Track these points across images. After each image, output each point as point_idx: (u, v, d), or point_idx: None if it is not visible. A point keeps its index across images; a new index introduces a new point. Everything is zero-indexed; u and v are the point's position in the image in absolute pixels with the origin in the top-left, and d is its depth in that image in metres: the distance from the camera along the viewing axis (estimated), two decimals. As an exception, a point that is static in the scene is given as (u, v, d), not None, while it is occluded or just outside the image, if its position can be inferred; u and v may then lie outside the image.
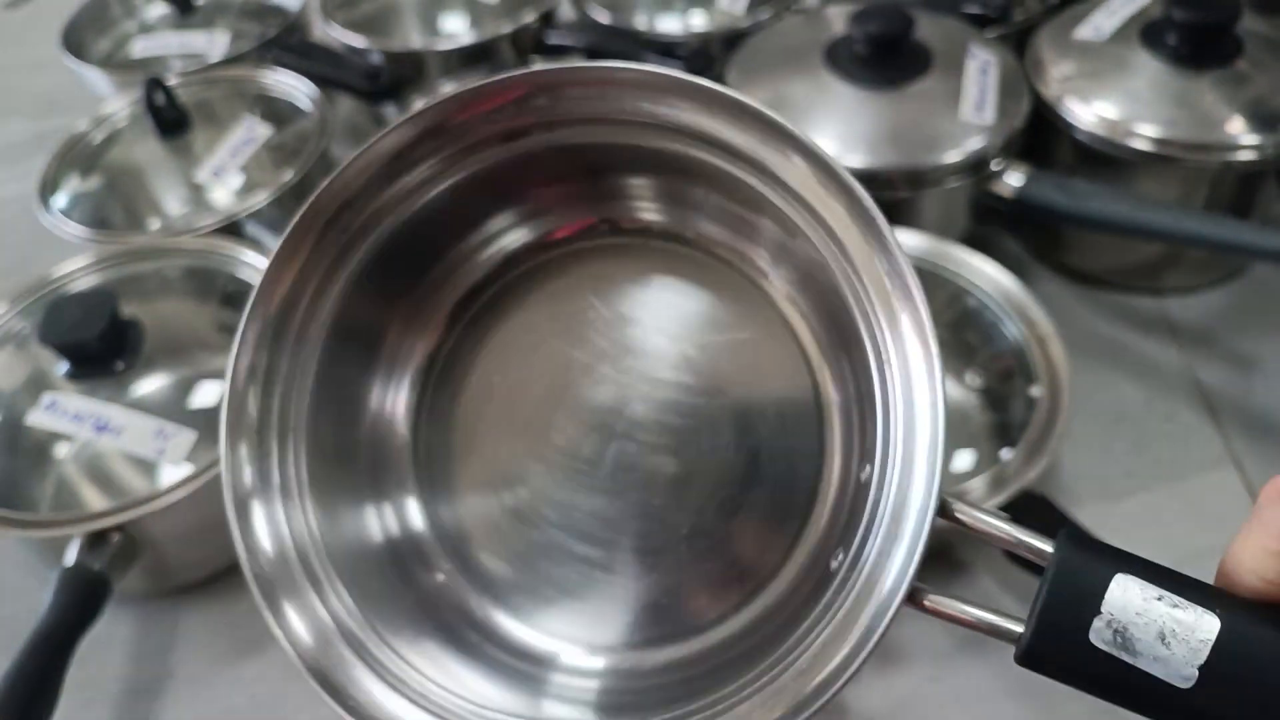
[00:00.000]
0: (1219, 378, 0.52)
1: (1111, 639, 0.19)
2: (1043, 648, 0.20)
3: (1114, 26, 0.57)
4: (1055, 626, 0.20)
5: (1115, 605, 0.19)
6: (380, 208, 0.26)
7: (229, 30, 0.72)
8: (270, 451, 0.26)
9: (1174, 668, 0.19)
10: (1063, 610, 0.20)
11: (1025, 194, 0.52)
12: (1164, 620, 0.19)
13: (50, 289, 0.52)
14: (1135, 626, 0.19)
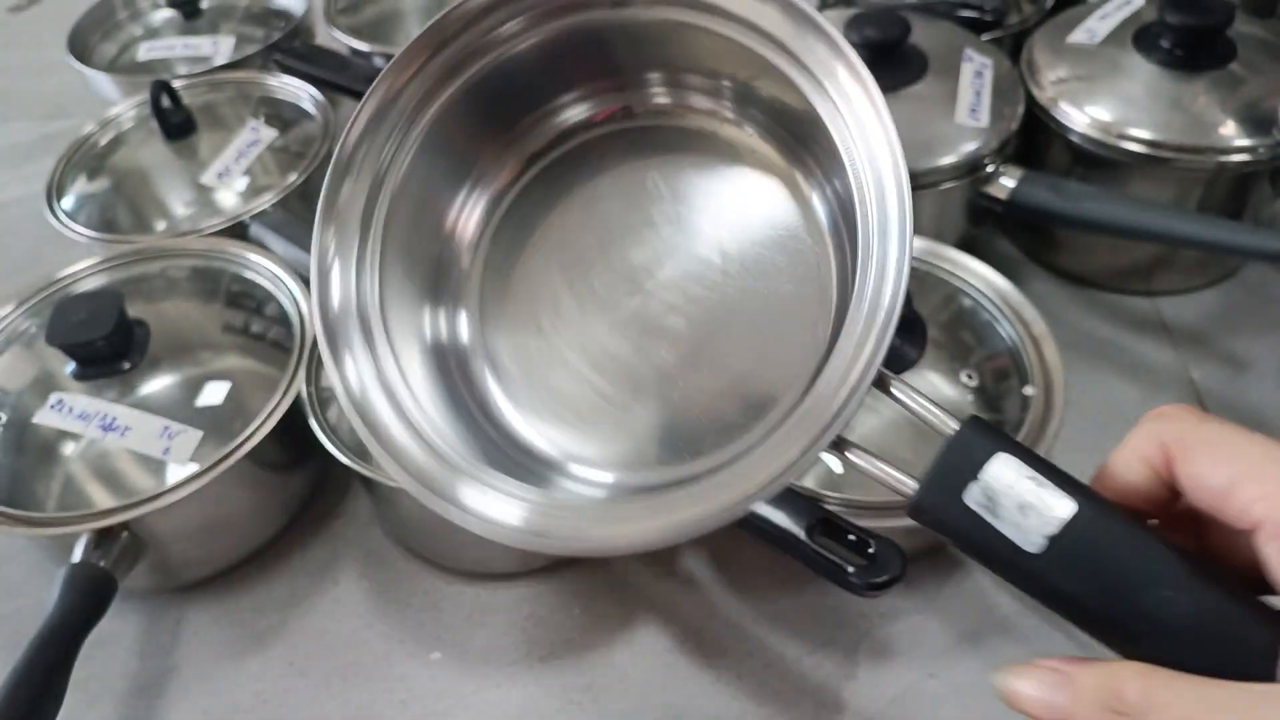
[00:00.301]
0: (1212, 377, 0.53)
1: (981, 500, 0.22)
2: (926, 502, 0.23)
3: (1108, 30, 0.57)
4: (938, 485, 0.23)
5: (991, 475, 0.22)
6: (483, 45, 0.31)
7: (233, 34, 0.73)
8: (353, 232, 0.30)
9: (1026, 534, 0.21)
10: (948, 474, 0.23)
11: (1020, 196, 0.52)
12: (1027, 495, 0.22)
13: (57, 289, 0.52)
14: (1003, 495, 0.22)
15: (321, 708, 0.43)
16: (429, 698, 0.43)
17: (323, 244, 0.31)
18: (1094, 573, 0.21)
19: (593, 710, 0.42)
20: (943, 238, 0.52)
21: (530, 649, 0.44)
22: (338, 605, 0.46)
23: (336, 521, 0.50)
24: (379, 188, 0.31)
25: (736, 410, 0.31)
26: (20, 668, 0.37)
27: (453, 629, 0.45)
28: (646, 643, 0.44)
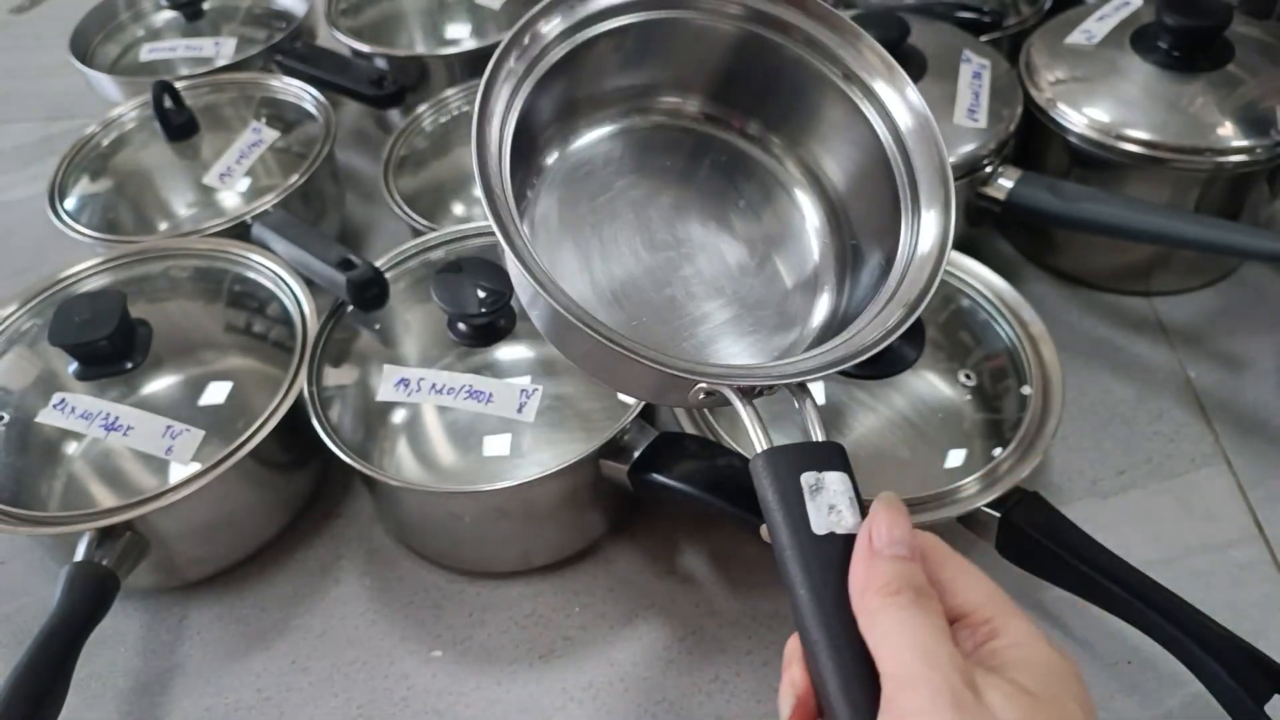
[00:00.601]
0: (1209, 377, 0.53)
1: (811, 484, 0.28)
2: (775, 457, 0.28)
3: (1105, 31, 0.58)
4: (794, 455, 0.28)
5: (830, 476, 0.28)
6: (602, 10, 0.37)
7: (235, 35, 0.73)
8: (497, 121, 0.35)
9: (819, 521, 0.27)
10: (806, 455, 0.28)
11: (1018, 196, 0.53)
12: (840, 503, 0.27)
13: (59, 289, 0.53)
14: (826, 490, 0.28)
15: (323, 705, 0.43)
16: (430, 695, 0.43)
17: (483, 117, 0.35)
18: (833, 570, 0.26)
19: (592, 708, 0.42)
20: (941, 238, 0.52)
21: (531, 647, 0.44)
22: (339, 604, 0.47)
23: (338, 520, 0.50)
24: (515, 94, 0.36)
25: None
26: (23, 666, 0.37)
27: (454, 627, 0.45)
28: (646, 641, 0.44)
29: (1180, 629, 0.36)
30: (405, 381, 0.46)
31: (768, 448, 0.28)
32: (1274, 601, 0.43)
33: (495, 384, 0.44)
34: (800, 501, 0.27)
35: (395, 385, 0.46)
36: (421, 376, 0.46)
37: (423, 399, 0.45)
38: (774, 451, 0.28)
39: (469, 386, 0.45)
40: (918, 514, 0.41)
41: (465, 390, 0.45)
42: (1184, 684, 0.39)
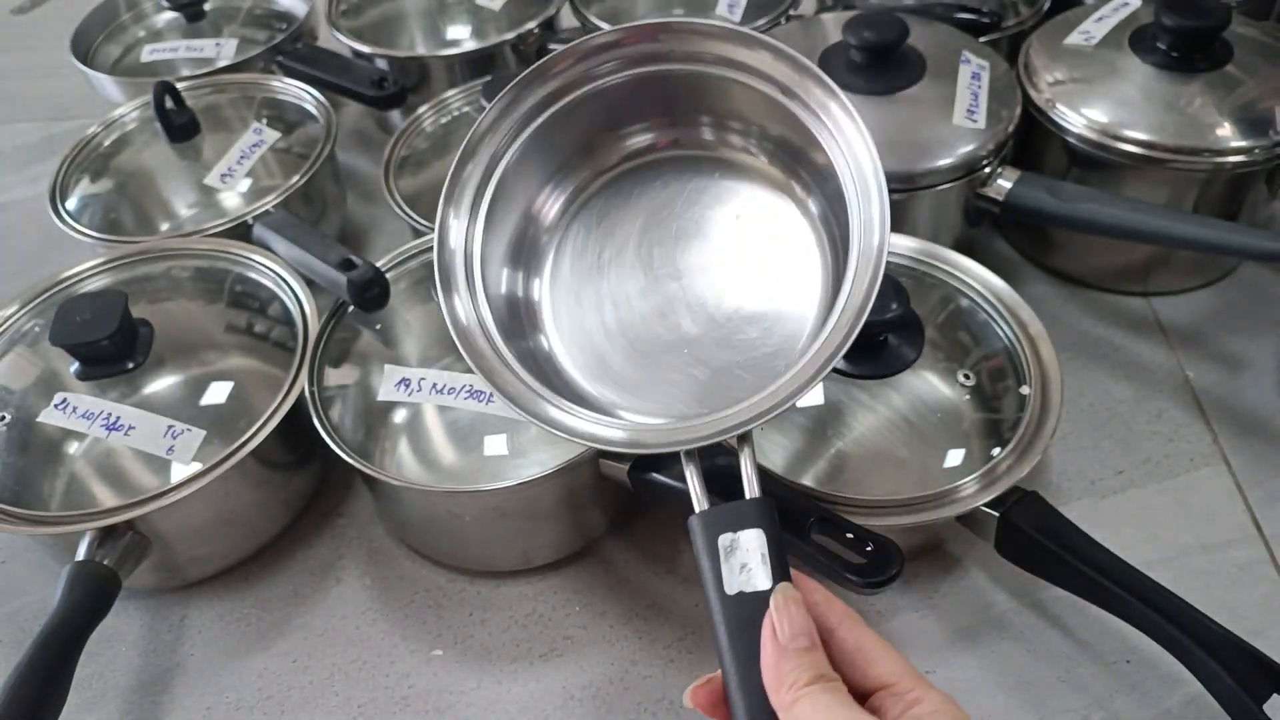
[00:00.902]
0: (1208, 376, 0.53)
1: (726, 545, 0.30)
2: (700, 523, 0.31)
3: (1104, 32, 0.58)
4: (715, 519, 0.31)
5: (744, 536, 0.30)
6: (585, 77, 0.41)
7: (236, 36, 0.74)
8: (467, 200, 0.41)
9: (731, 581, 0.29)
10: (726, 517, 0.30)
11: (1016, 197, 0.53)
12: (751, 562, 0.30)
13: (61, 289, 0.53)
14: (739, 551, 0.30)
15: (324, 704, 0.43)
16: (431, 694, 0.43)
17: (446, 205, 0.40)
18: (744, 625, 0.28)
19: (593, 707, 0.42)
20: (940, 239, 0.52)
21: (531, 646, 0.44)
22: (340, 603, 0.47)
23: (339, 520, 0.50)
24: (490, 172, 0.41)
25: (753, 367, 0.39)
26: (24, 665, 0.37)
27: (454, 626, 0.45)
28: (647, 640, 0.44)
29: (1179, 628, 0.36)
30: (406, 381, 0.46)
31: (699, 510, 0.31)
32: (1273, 601, 0.43)
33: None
34: (717, 563, 0.29)
35: (396, 385, 0.46)
36: (422, 376, 0.46)
37: (423, 399, 0.45)
38: (702, 514, 0.31)
39: (469, 386, 0.45)
40: (917, 513, 0.41)
41: (466, 390, 0.45)
42: (1183, 683, 0.39)
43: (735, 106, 0.41)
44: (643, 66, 0.40)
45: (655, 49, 0.40)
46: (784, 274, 0.40)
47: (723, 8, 0.71)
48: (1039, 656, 0.42)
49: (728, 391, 0.38)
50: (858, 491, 0.41)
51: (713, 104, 0.41)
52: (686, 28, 0.39)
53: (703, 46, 0.40)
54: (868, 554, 0.37)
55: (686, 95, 0.41)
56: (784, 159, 0.41)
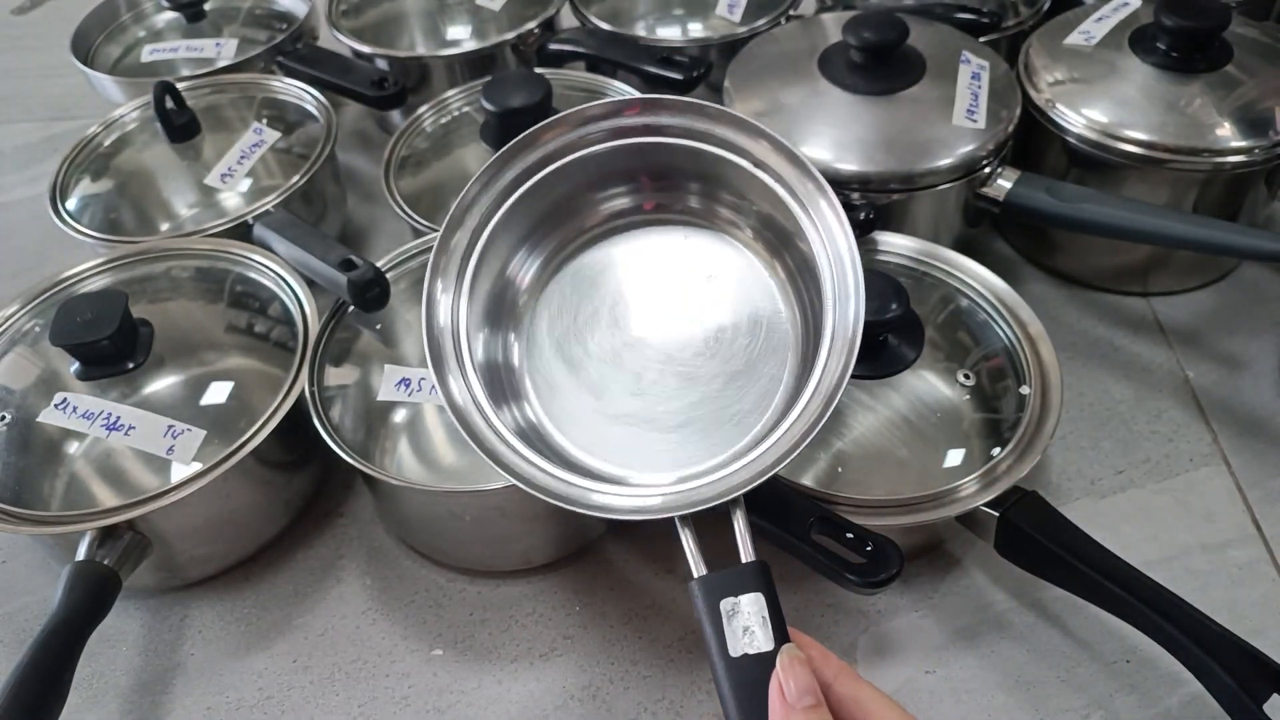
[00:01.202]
0: (1207, 376, 0.53)
1: (728, 609, 0.31)
2: (701, 589, 0.32)
3: (1104, 32, 0.58)
4: (715, 584, 0.32)
5: (744, 600, 0.31)
6: (574, 143, 0.42)
7: (236, 36, 0.73)
8: (454, 270, 0.41)
9: (735, 643, 0.31)
10: (726, 582, 0.32)
11: (1016, 197, 0.53)
12: (754, 624, 0.31)
13: (61, 289, 0.53)
14: (741, 615, 0.31)
15: (324, 704, 0.43)
16: (431, 694, 0.43)
17: (433, 278, 0.40)
18: (749, 686, 0.30)
19: (593, 706, 0.42)
20: (940, 239, 0.52)
21: (531, 646, 0.44)
22: (341, 602, 0.47)
23: (339, 520, 0.50)
24: (475, 240, 0.41)
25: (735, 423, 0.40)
26: (24, 665, 0.37)
27: (455, 626, 0.45)
28: (646, 639, 0.44)
29: (1179, 628, 0.36)
30: (406, 381, 0.46)
31: (698, 575, 0.32)
32: (1272, 601, 0.43)
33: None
34: (720, 627, 0.31)
35: (396, 385, 0.46)
36: (422, 376, 0.46)
37: (423, 399, 0.45)
38: (702, 579, 0.32)
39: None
40: (917, 513, 0.41)
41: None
42: (1183, 683, 0.39)
43: (726, 181, 0.42)
44: (636, 137, 0.41)
45: (651, 122, 0.41)
46: (758, 335, 0.41)
47: (722, 8, 0.71)
48: (1039, 656, 0.42)
49: (716, 446, 0.39)
50: (858, 491, 0.41)
51: (703, 176, 0.42)
52: (689, 108, 0.40)
53: (703, 126, 0.40)
54: (867, 554, 0.37)
55: (677, 164, 0.42)
56: (768, 235, 0.42)
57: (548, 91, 0.56)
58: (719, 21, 0.71)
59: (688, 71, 0.62)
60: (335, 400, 0.46)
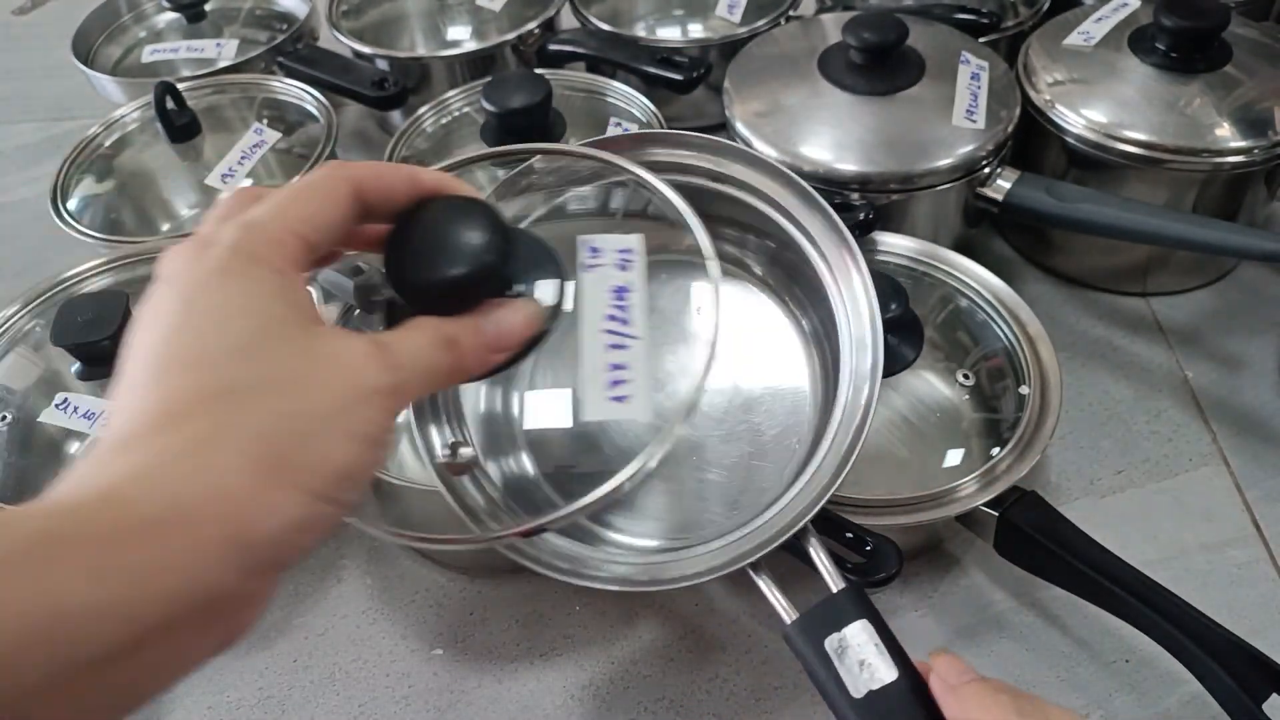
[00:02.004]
0: (1207, 376, 0.53)
1: (835, 647, 0.29)
2: (796, 632, 0.30)
3: (1103, 33, 0.58)
4: (811, 624, 0.30)
5: (850, 632, 0.29)
6: (570, 179, 0.39)
7: (237, 37, 0.74)
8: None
9: (855, 682, 0.28)
10: (821, 619, 0.30)
11: (1015, 197, 0.53)
12: (869, 655, 0.29)
13: (62, 290, 0.53)
14: (851, 649, 0.29)
15: (325, 704, 0.43)
16: (431, 694, 0.43)
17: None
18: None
19: (593, 706, 0.42)
20: (939, 239, 0.52)
21: (531, 645, 0.44)
22: (341, 602, 0.47)
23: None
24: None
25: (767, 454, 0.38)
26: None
27: (455, 626, 0.45)
28: (646, 639, 0.44)
29: (1178, 628, 0.36)
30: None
31: (792, 620, 0.30)
32: (1272, 601, 0.43)
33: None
34: (833, 669, 0.28)
35: (396, 385, 0.46)
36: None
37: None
38: (797, 622, 0.30)
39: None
40: (916, 513, 0.41)
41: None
42: (1182, 683, 0.40)
43: (738, 218, 0.40)
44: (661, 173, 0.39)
45: (674, 158, 0.39)
46: (769, 356, 0.40)
47: (722, 8, 0.71)
48: (1038, 656, 0.42)
49: (751, 484, 0.37)
50: (857, 491, 0.41)
51: (714, 212, 0.39)
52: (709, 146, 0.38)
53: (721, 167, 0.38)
54: (867, 553, 0.37)
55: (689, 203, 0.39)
56: (777, 272, 0.41)
57: (548, 92, 0.57)
58: (719, 22, 0.71)
59: (687, 72, 0.62)
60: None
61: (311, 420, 0.22)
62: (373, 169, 0.27)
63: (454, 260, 0.26)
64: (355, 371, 0.23)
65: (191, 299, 0.23)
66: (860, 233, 0.51)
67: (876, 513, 0.41)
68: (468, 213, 0.27)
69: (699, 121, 0.71)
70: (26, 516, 0.19)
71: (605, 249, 0.32)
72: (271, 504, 0.21)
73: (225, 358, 0.22)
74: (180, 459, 0.20)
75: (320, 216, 0.25)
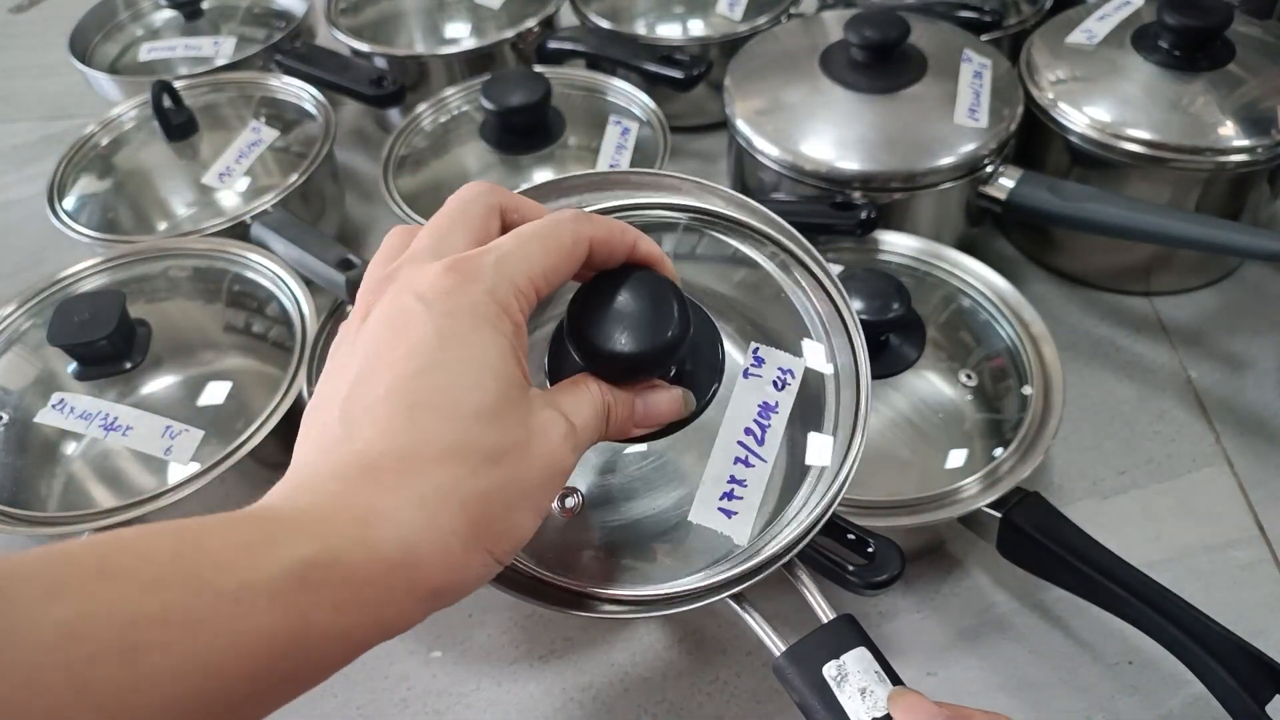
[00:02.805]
0: (1210, 376, 0.53)
1: (834, 674, 0.28)
2: (787, 663, 0.29)
3: (1106, 31, 0.58)
4: (803, 654, 0.29)
5: (850, 659, 0.28)
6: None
7: (234, 35, 0.73)
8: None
9: (856, 710, 0.27)
10: (814, 649, 0.29)
11: (1018, 196, 0.53)
12: (870, 683, 0.28)
13: (58, 289, 0.52)
14: (852, 676, 0.28)
15: (322, 706, 0.43)
16: (430, 696, 0.43)
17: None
18: None
19: (592, 709, 0.42)
20: (941, 238, 0.52)
21: (531, 648, 0.44)
22: (339, 604, 0.47)
23: (337, 521, 0.50)
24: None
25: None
26: (23, 666, 0.37)
27: (454, 628, 0.45)
28: (646, 642, 0.44)
29: (1181, 629, 0.36)
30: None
31: (783, 651, 0.29)
32: (1275, 601, 0.43)
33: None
34: (833, 698, 0.27)
35: (395, 385, 0.46)
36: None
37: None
38: (789, 653, 0.28)
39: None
40: (919, 514, 0.41)
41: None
42: (1185, 684, 0.39)
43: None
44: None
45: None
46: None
47: (723, 6, 0.71)
48: (1041, 657, 0.42)
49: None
50: (859, 492, 0.41)
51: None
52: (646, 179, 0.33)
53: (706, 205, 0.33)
54: (869, 555, 0.36)
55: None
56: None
57: (547, 90, 0.56)
58: (719, 19, 0.70)
59: (688, 70, 0.62)
60: (334, 400, 0.46)
61: (519, 492, 0.23)
62: (608, 230, 0.27)
63: (639, 338, 0.26)
64: (555, 449, 0.24)
65: (447, 338, 0.23)
66: (862, 231, 0.50)
67: (879, 514, 0.40)
68: (662, 293, 0.27)
69: (699, 120, 0.71)
70: (289, 535, 0.21)
71: (769, 361, 0.31)
72: (469, 563, 0.23)
73: (473, 418, 0.23)
74: (418, 509, 0.22)
75: (557, 273, 0.26)
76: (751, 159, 0.55)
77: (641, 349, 0.26)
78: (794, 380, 0.31)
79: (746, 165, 0.56)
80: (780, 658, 0.28)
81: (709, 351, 0.30)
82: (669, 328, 0.26)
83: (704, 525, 0.29)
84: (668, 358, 0.27)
